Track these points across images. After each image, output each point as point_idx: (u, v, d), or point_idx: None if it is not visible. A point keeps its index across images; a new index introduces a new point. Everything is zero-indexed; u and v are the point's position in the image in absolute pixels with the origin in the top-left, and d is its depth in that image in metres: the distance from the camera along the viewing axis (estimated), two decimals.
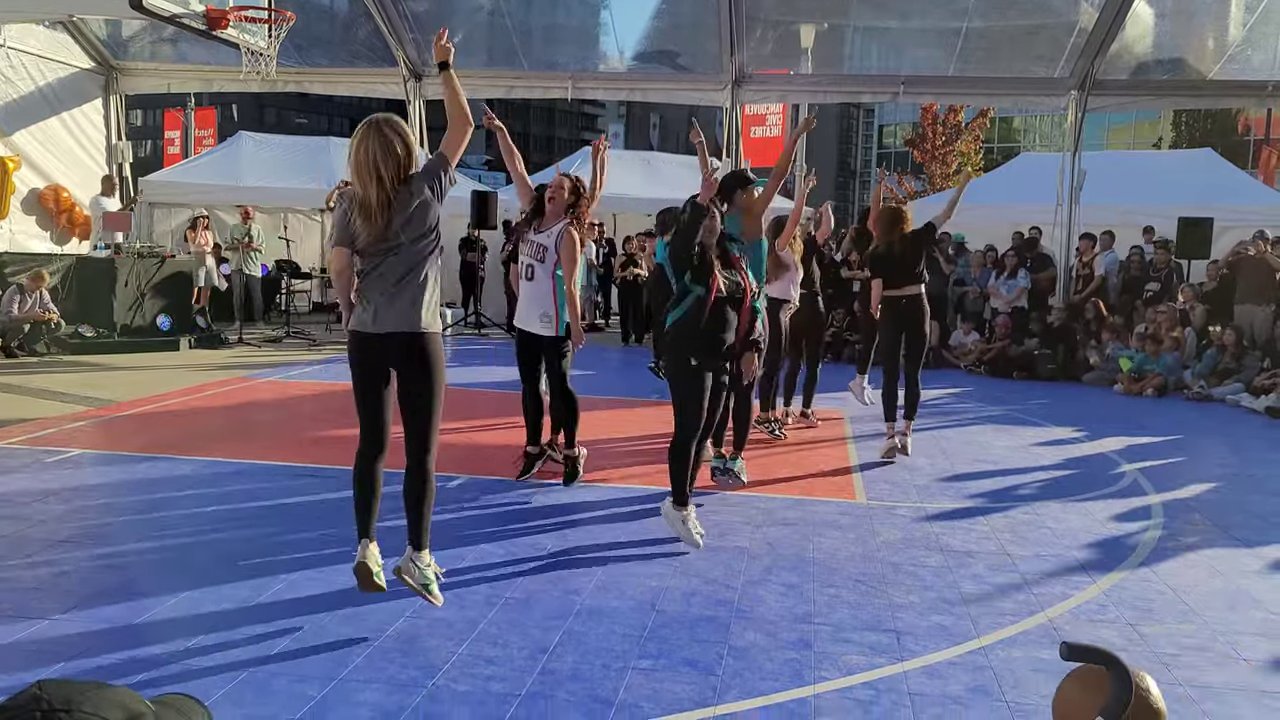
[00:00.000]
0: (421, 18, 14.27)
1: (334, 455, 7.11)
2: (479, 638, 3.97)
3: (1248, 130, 43.29)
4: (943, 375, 12.56)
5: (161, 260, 12.87)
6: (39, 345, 11.69)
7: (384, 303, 4.02)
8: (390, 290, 4.02)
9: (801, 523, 5.77)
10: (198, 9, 8.99)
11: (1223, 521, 6.12)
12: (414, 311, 4.03)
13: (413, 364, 4.07)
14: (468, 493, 6.17)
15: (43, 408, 8.57)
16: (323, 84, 15.91)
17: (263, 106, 68.96)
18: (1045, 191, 14.63)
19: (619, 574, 4.79)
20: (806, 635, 4.12)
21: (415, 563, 4.11)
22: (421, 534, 4.16)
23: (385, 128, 3.96)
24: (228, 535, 5.21)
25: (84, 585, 4.40)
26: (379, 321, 4.03)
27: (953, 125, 38.32)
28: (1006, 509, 6.26)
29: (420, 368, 4.07)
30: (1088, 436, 8.83)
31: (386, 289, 4.02)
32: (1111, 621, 4.39)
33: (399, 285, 4.02)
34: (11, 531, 5.11)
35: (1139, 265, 13.61)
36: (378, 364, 4.12)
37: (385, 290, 4.02)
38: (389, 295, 4.02)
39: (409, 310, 4.03)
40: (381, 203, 3.94)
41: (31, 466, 6.50)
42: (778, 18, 13.88)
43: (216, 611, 4.15)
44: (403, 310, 4.02)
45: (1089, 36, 13.05)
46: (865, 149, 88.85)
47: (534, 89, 16.19)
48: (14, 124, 13.42)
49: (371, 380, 4.13)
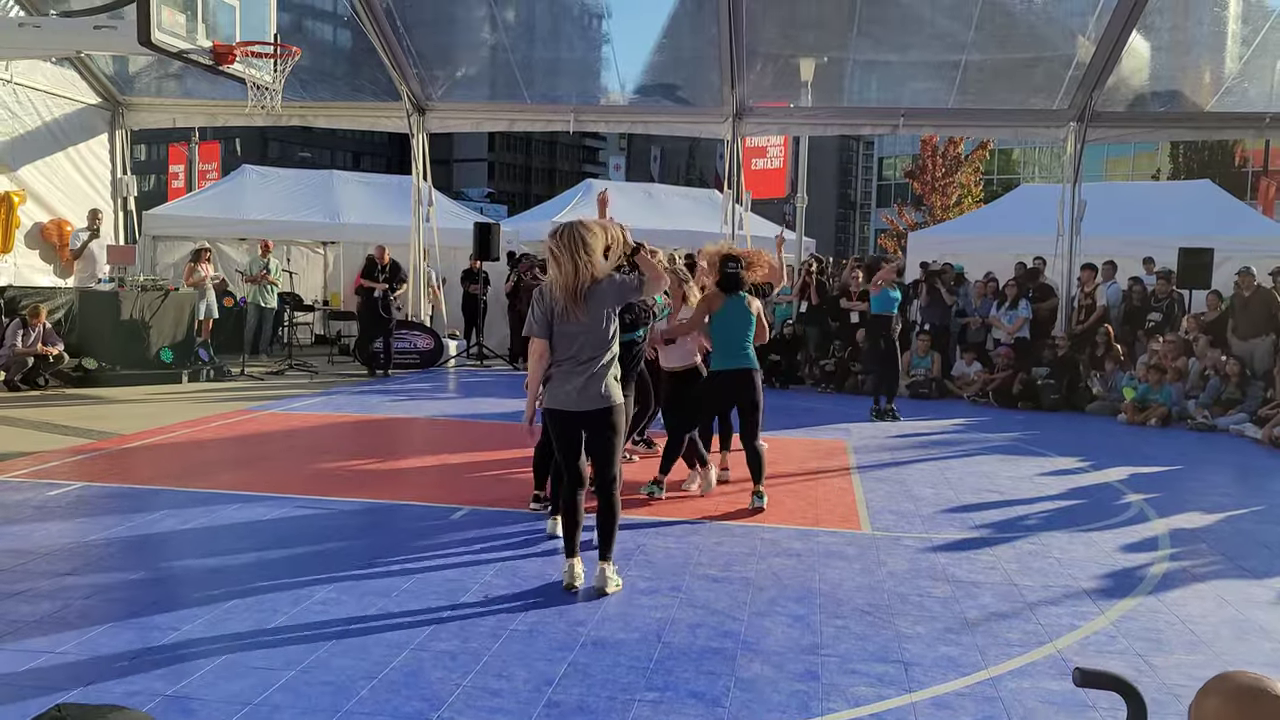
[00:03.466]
0: (425, 52, 14.42)
1: (336, 487, 7.10)
2: (483, 670, 3.95)
3: (1245, 162, 43.52)
4: (946, 406, 12.56)
5: (165, 293, 12.91)
6: (40, 379, 11.71)
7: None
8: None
9: (807, 553, 5.74)
10: (205, 45, 9.07)
11: (1230, 551, 6.09)
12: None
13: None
14: (471, 523, 6.15)
15: (45, 441, 8.57)
16: (327, 118, 16.04)
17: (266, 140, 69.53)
18: (1045, 222, 14.70)
19: (624, 605, 4.76)
20: (813, 667, 4.09)
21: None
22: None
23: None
24: (231, 567, 5.18)
25: (86, 618, 4.38)
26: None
27: (953, 157, 38.55)
28: (1012, 539, 6.23)
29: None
30: (1092, 466, 8.81)
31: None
32: (1121, 652, 4.36)
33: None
34: (14, 564, 5.09)
35: (1140, 295, 13.63)
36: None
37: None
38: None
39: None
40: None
41: (34, 499, 6.48)
42: (778, 51, 14.01)
43: (220, 644, 4.13)
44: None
45: (1086, 69, 13.17)
46: (865, 181, 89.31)
47: (536, 122, 16.33)
48: (20, 158, 13.50)
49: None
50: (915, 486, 7.69)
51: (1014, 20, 13.52)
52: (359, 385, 13.07)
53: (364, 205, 18.91)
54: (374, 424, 10.14)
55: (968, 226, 20.81)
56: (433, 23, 14.58)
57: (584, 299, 4.67)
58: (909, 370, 13.61)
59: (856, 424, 10.77)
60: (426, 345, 15.10)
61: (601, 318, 4.75)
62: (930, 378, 13.34)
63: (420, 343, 15.00)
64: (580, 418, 4.81)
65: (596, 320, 4.74)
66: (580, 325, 4.72)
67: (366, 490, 7.03)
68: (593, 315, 4.72)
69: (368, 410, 10.95)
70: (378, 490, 7.05)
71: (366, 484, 7.27)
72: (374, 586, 4.92)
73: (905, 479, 7.99)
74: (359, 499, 6.75)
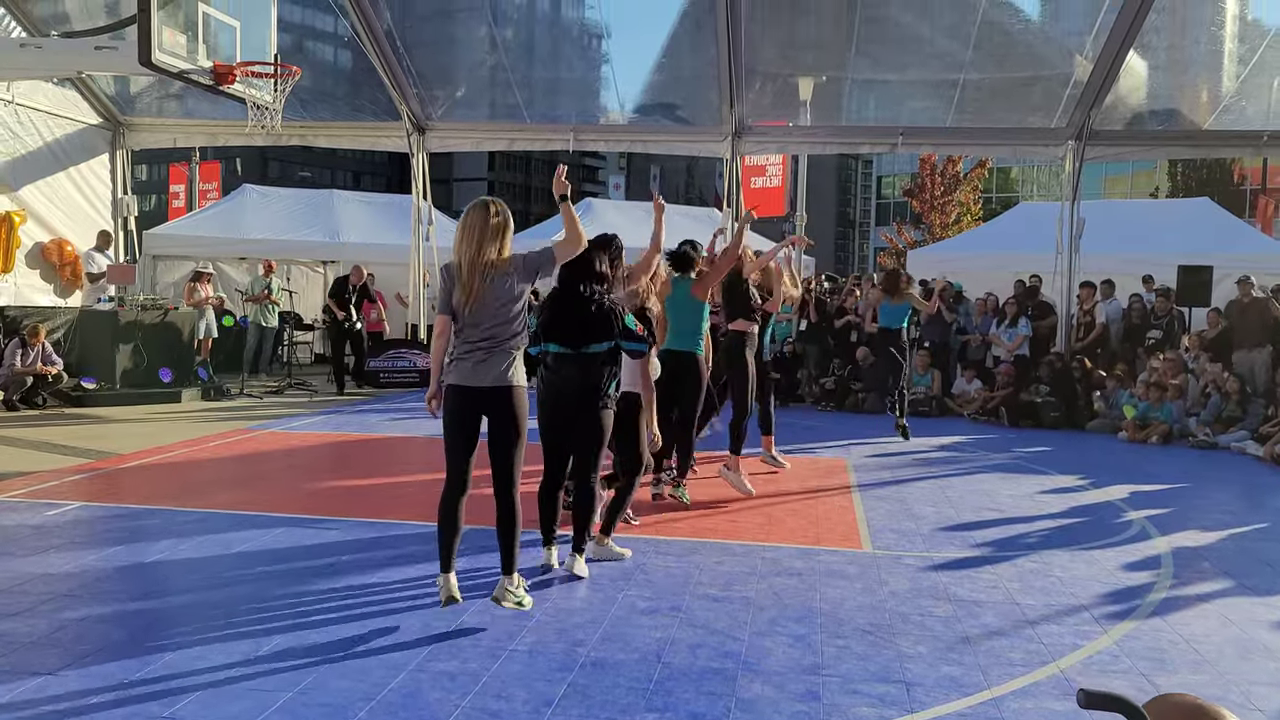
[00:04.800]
0: (425, 72, 14.48)
1: (335, 507, 7.08)
2: (483, 690, 3.92)
3: (1243, 180, 43.67)
4: (946, 424, 12.54)
5: (164, 312, 12.91)
6: (39, 398, 11.69)
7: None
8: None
9: (808, 572, 5.72)
10: (206, 65, 9.11)
11: (1233, 570, 6.06)
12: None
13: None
14: (470, 543, 6.11)
15: (43, 460, 8.55)
16: (327, 137, 16.09)
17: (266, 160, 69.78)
18: (1045, 240, 14.72)
19: (623, 625, 4.73)
20: (815, 687, 4.06)
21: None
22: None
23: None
24: (228, 588, 5.16)
25: (83, 640, 4.35)
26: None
27: (951, 176, 38.67)
28: (1014, 558, 6.21)
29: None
30: (1093, 484, 8.78)
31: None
32: (1125, 672, 4.33)
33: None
34: (11, 585, 5.07)
35: (1140, 313, 13.64)
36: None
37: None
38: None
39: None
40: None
41: (32, 520, 6.46)
42: (776, 70, 14.06)
43: (217, 665, 4.10)
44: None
45: (1084, 88, 13.21)
46: (864, 199, 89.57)
47: (535, 141, 16.35)
48: (21, 179, 13.54)
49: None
50: (916, 505, 7.66)
51: (1012, 39, 13.58)
52: (358, 404, 13.05)
53: (364, 225, 18.96)
54: (373, 443, 10.12)
55: (967, 245, 20.87)
56: (433, 43, 14.64)
57: (487, 277, 4.52)
58: (909, 388, 13.59)
59: (857, 441, 10.74)
60: (426, 364, 15.09)
61: (505, 295, 4.57)
62: (930, 395, 13.33)
63: (420, 361, 15.00)
64: (478, 395, 4.56)
65: (499, 298, 4.56)
66: (483, 304, 4.54)
67: (365, 510, 7.01)
68: (495, 293, 4.55)
69: (367, 429, 10.93)
70: (377, 510, 7.02)
71: (365, 503, 7.25)
72: (372, 606, 4.90)
73: (906, 497, 7.97)
74: (358, 518, 6.73)
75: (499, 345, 4.57)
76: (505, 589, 4.67)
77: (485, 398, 4.57)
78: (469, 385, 4.56)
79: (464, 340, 4.59)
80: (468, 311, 4.54)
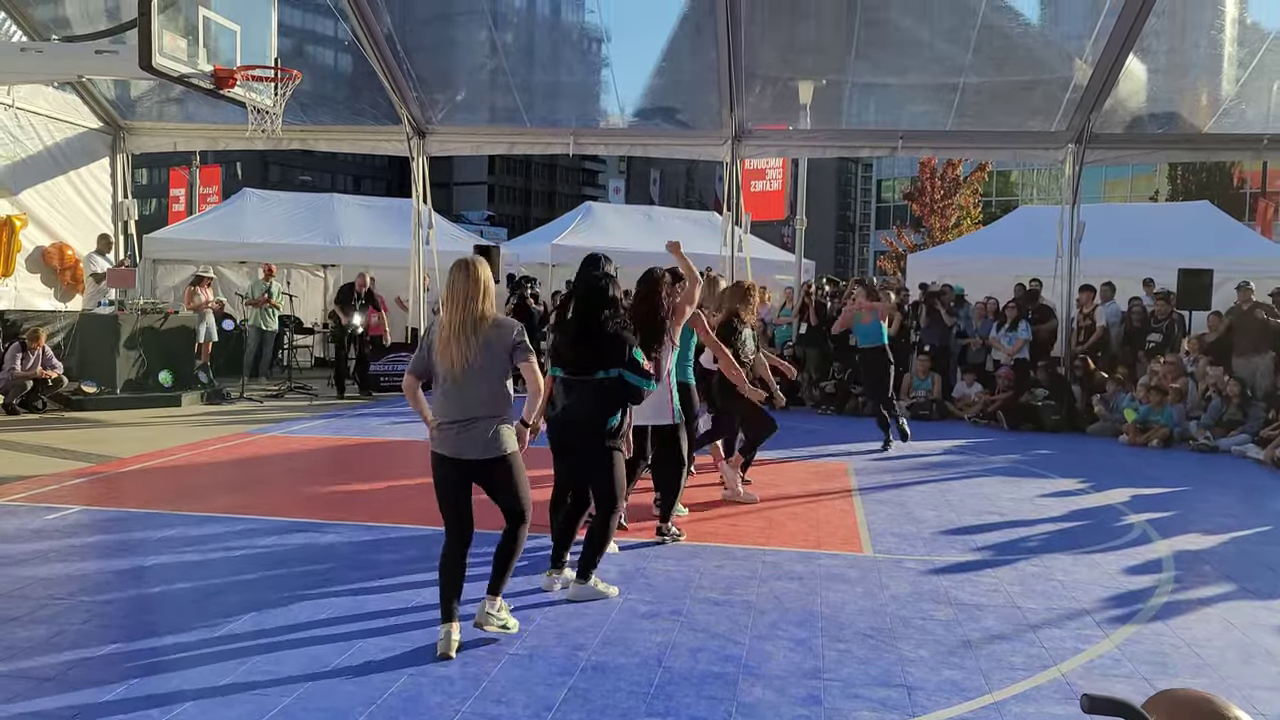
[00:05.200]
0: (425, 76, 14.48)
1: (335, 510, 7.07)
2: (483, 695, 3.91)
3: (1243, 183, 43.66)
4: (947, 427, 12.54)
5: (164, 316, 12.91)
6: (39, 402, 11.69)
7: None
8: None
9: (809, 576, 5.71)
10: (206, 69, 9.11)
11: (1234, 573, 6.05)
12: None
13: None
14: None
15: (44, 464, 8.54)
16: (327, 141, 16.09)
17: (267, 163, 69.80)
18: (1045, 244, 14.72)
19: (624, 629, 4.72)
20: (816, 691, 4.05)
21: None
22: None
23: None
24: (229, 592, 5.15)
25: (82, 643, 4.34)
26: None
27: (951, 179, 38.69)
28: (1015, 561, 6.20)
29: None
30: (1094, 488, 8.78)
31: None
32: (1126, 676, 4.32)
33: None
34: (11, 589, 5.06)
35: (1140, 316, 13.64)
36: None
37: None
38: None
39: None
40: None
41: (32, 523, 6.45)
42: (776, 74, 14.06)
43: (216, 670, 4.09)
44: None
45: (1084, 92, 13.21)
46: (864, 203, 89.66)
47: (535, 145, 16.37)
48: (21, 183, 13.54)
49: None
50: (917, 508, 7.66)
51: (1011, 43, 13.59)
52: (358, 408, 13.04)
53: (364, 228, 18.97)
54: (373, 447, 10.12)
55: (967, 248, 20.87)
56: (433, 47, 14.66)
57: (472, 339, 4.32)
58: (910, 392, 13.60)
59: (857, 445, 10.73)
60: None
61: (489, 363, 4.35)
62: (931, 399, 13.33)
63: None
64: (464, 467, 4.40)
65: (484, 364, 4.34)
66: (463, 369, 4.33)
67: (365, 514, 7.00)
68: (481, 358, 4.33)
69: (367, 433, 10.92)
70: (377, 513, 7.01)
71: (365, 507, 7.24)
72: (373, 610, 4.89)
73: (906, 501, 7.96)
74: (358, 522, 6.72)
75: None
76: (488, 613, 4.49)
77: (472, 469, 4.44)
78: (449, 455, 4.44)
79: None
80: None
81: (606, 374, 5.09)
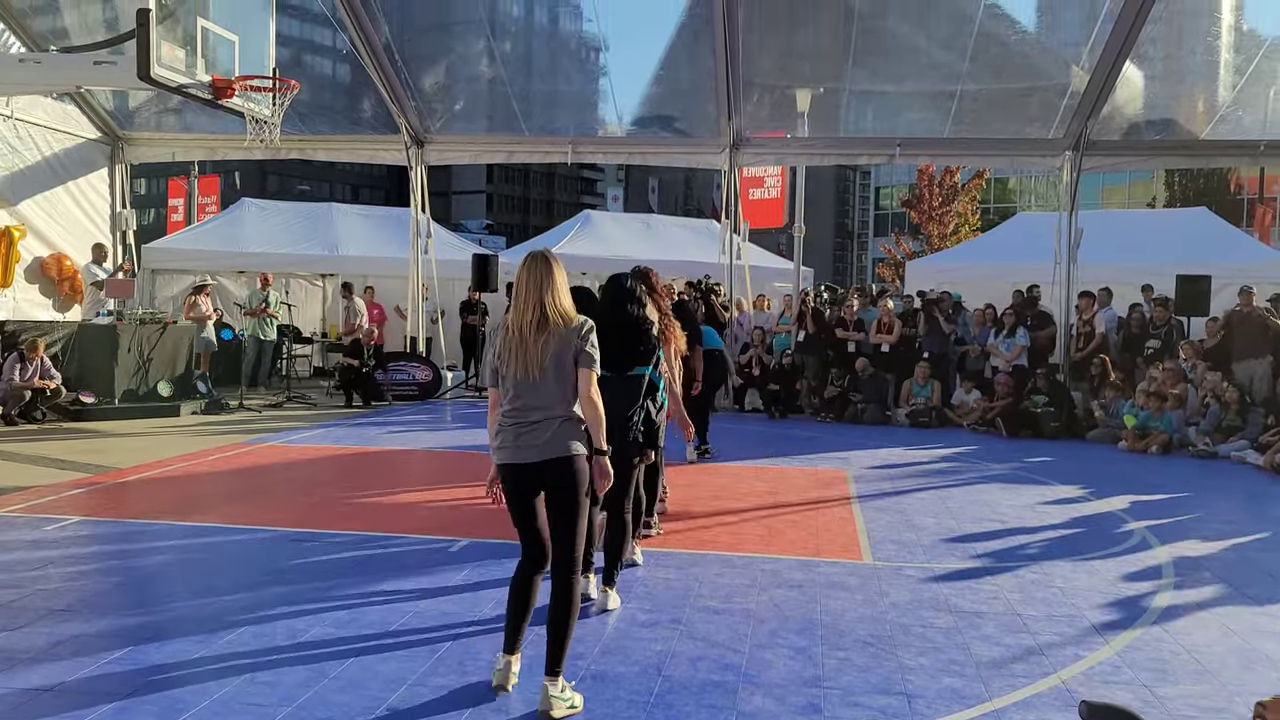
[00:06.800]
0: (423, 86, 14.51)
1: (333, 520, 7.06)
2: (482, 705, 3.89)
3: (1240, 189, 43.71)
4: (946, 434, 12.54)
5: (163, 326, 12.91)
6: (37, 413, 11.67)
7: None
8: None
9: (808, 584, 5.70)
10: (204, 79, 9.13)
11: (1234, 580, 6.04)
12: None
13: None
14: (470, 556, 6.10)
15: (42, 475, 8.53)
16: (326, 151, 16.12)
17: (265, 173, 69.91)
18: (1043, 250, 14.74)
19: (624, 638, 4.71)
20: (816, 699, 4.04)
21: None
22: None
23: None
24: (227, 601, 5.14)
25: (81, 653, 4.33)
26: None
27: (949, 186, 38.78)
28: (1014, 568, 6.19)
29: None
30: (1094, 494, 8.77)
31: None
32: (1127, 683, 4.31)
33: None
34: (9, 600, 5.05)
35: (1139, 323, 13.64)
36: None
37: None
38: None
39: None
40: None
41: (30, 534, 6.44)
42: (774, 82, 14.10)
43: (215, 681, 4.08)
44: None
45: (1081, 99, 13.25)
46: (862, 210, 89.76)
47: (534, 154, 16.40)
48: (20, 193, 13.55)
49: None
50: (916, 516, 7.65)
51: (1008, 51, 13.62)
52: (357, 418, 13.04)
53: (363, 238, 18.99)
54: (372, 456, 10.11)
55: (965, 255, 20.90)
56: (431, 56, 14.70)
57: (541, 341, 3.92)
58: (909, 399, 13.60)
59: (856, 452, 10.73)
60: (425, 377, 15.09)
61: (558, 365, 3.93)
62: (930, 406, 13.32)
63: (418, 374, 14.99)
64: (528, 471, 3.96)
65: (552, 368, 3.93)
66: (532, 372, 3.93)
67: (364, 523, 6.99)
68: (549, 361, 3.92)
69: (366, 443, 10.92)
70: (375, 523, 7.00)
71: (364, 517, 7.23)
72: (372, 620, 4.88)
73: (906, 508, 7.95)
74: (356, 531, 6.71)
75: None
76: (551, 696, 3.82)
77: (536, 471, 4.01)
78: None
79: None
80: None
81: (641, 370, 5.19)
